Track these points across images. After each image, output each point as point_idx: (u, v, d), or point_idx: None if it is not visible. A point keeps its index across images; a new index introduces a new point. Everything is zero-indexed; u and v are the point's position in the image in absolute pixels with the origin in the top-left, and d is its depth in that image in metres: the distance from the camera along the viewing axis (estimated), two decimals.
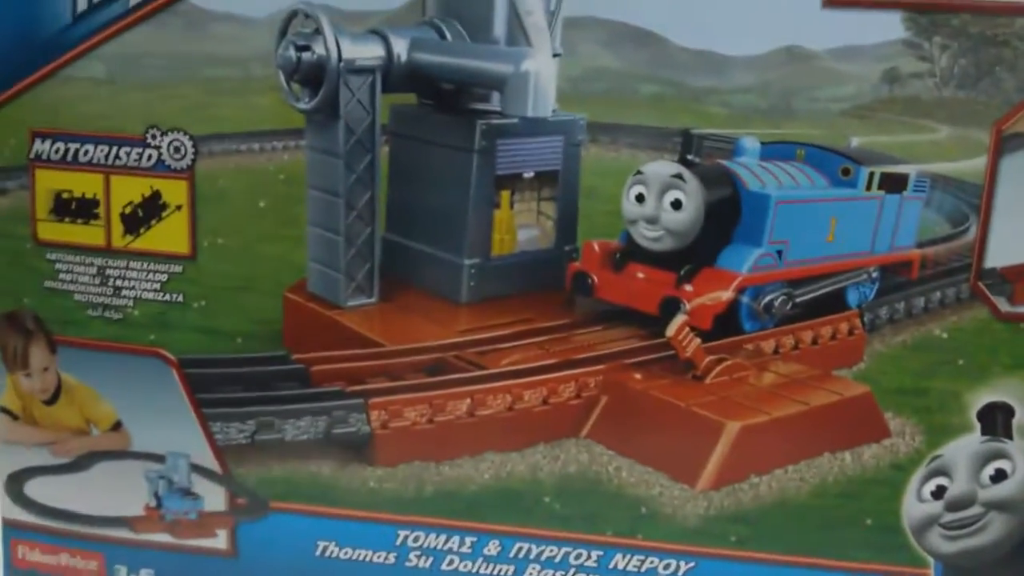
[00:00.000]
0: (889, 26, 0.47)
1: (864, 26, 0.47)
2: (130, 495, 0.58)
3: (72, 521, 0.60)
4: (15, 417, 0.60)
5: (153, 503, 0.58)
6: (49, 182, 0.55)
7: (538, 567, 0.56)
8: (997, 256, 0.49)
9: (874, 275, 0.55)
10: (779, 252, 0.53)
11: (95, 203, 0.56)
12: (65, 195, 0.56)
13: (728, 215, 0.53)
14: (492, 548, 0.56)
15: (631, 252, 0.55)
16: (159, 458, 0.58)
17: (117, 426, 0.58)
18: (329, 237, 0.56)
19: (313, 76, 0.53)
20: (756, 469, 0.53)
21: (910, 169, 0.50)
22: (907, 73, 0.47)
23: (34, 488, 0.60)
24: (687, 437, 0.53)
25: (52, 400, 0.59)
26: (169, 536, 0.59)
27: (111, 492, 0.59)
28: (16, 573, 0.62)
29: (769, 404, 0.54)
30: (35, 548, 0.61)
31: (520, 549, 0.56)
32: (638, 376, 0.54)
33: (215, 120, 0.53)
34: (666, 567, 0.55)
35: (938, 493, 0.52)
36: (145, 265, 0.56)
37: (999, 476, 0.51)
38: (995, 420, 0.51)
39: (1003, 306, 0.50)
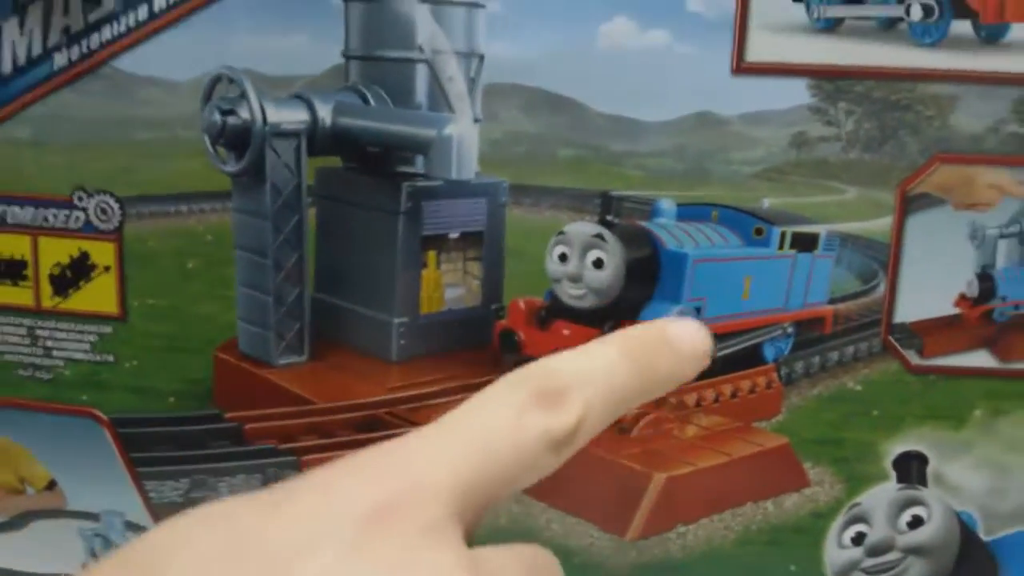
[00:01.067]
0: (796, 92, 0.47)
1: (772, 92, 0.48)
2: (66, 553, 0.57)
3: None
4: None
5: (89, 561, 0.57)
6: None
7: None
8: (906, 311, 0.50)
9: (789, 330, 0.54)
10: (698, 309, 0.53)
11: (23, 264, 0.55)
12: None
13: (648, 273, 0.53)
14: None
15: (556, 310, 0.54)
16: (94, 516, 0.57)
17: (51, 485, 0.57)
18: (258, 297, 0.55)
19: (238, 140, 0.52)
20: (683, 519, 0.53)
21: (820, 229, 0.50)
22: (815, 137, 0.48)
23: None
24: (616, 488, 0.53)
25: None
26: None
27: (47, 550, 0.58)
28: None
29: (693, 455, 0.54)
30: None
31: None
32: None
33: (142, 182, 0.53)
34: None
35: (858, 539, 0.53)
36: (75, 326, 0.55)
37: (916, 522, 0.51)
38: (910, 468, 0.52)
39: (914, 359, 0.51)
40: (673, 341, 0.30)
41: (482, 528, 0.52)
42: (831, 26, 0.48)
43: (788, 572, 0.53)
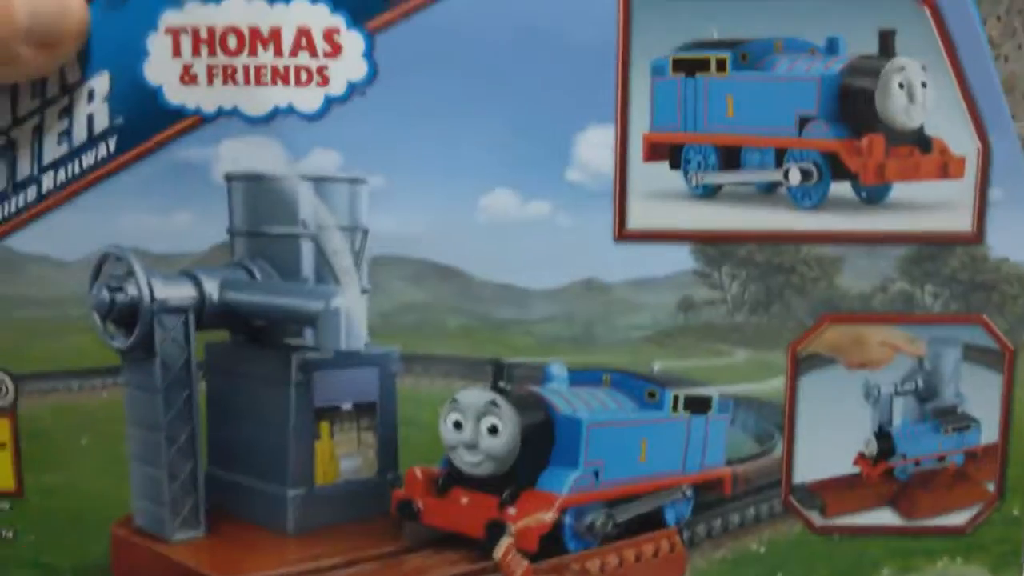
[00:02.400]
0: (680, 257, 0.46)
1: (656, 258, 0.46)
2: None
3: None
4: None
5: None
6: None
7: None
8: (805, 471, 0.48)
9: (688, 493, 0.52)
10: (596, 473, 0.50)
11: None
12: None
13: (543, 438, 0.50)
14: None
15: (454, 477, 0.51)
16: None
17: None
18: (152, 472, 0.52)
19: (127, 316, 0.50)
20: None
21: (712, 391, 0.48)
22: (700, 300, 0.47)
23: None
24: None
25: None
26: None
27: None
28: None
29: None
30: None
31: None
32: None
33: (34, 359, 0.50)
34: None
35: None
36: None
37: None
38: None
39: (817, 520, 0.48)
40: None
41: None
42: (710, 192, 0.47)
43: None
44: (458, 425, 0.50)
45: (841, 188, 0.47)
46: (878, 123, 0.46)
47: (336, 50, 0.45)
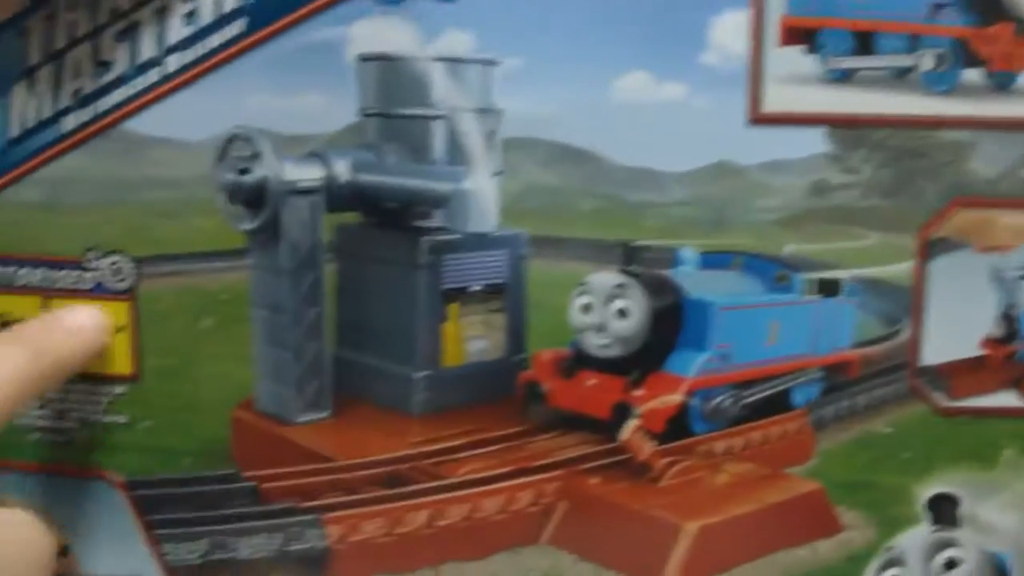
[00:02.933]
0: (813, 141, 0.55)
1: (789, 141, 0.55)
2: None
3: None
4: None
5: None
6: None
7: None
8: (932, 354, 0.57)
9: (817, 375, 0.63)
10: (724, 356, 0.62)
11: None
12: (2, 318, 0.61)
13: (672, 321, 0.62)
14: None
15: (581, 360, 0.63)
16: None
17: (65, 551, 0.62)
18: (278, 354, 0.64)
19: (255, 198, 0.61)
20: (716, 569, 0.60)
21: (843, 274, 0.58)
22: (833, 184, 0.55)
23: None
24: (646, 539, 0.60)
25: None
26: None
27: None
28: None
29: (725, 504, 0.61)
30: None
31: None
32: (595, 481, 0.62)
33: (156, 242, 0.60)
34: None
35: None
36: (89, 387, 0.61)
37: (951, 565, 0.59)
38: (942, 510, 0.59)
39: (942, 401, 0.58)
40: (67, 322, 0.49)
41: None
42: (845, 76, 0.56)
43: None
44: (587, 308, 0.61)
45: (972, 74, 0.55)
46: (1007, 12, 0.54)
47: None
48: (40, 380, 0.51)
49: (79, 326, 0.55)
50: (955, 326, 0.58)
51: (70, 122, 0.60)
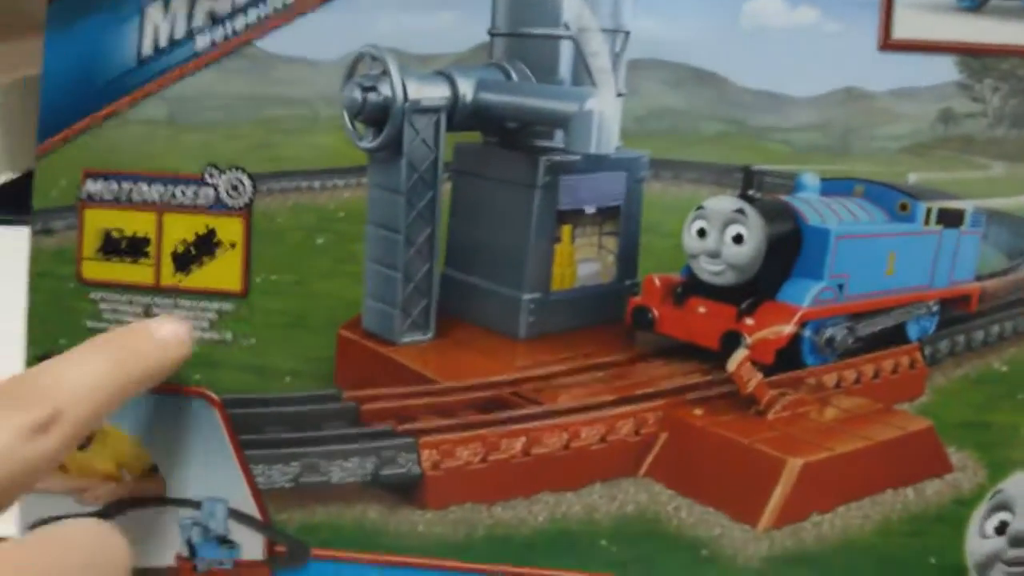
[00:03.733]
0: (943, 69, 0.58)
1: (919, 68, 0.58)
2: (161, 544, 0.66)
3: None
4: None
5: (185, 552, 0.65)
6: (99, 221, 0.65)
7: None
8: None
9: (934, 309, 0.65)
10: (840, 286, 0.64)
11: (146, 241, 0.65)
12: (115, 233, 0.65)
13: (789, 249, 0.64)
14: None
15: (692, 286, 0.65)
16: (195, 504, 0.65)
17: (152, 471, 0.65)
18: (387, 273, 0.67)
19: (378, 116, 0.64)
20: (819, 507, 0.61)
21: (967, 204, 0.61)
22: (961, 113, 0.58)
23: None
24: (748, 475, 0.62)
25: (83, 445, 0.66)
26: None
27: (141, 541, 0.65)
28: None
29: (831, 440, 0.63)
30: None
31: None
32: (699, 412, 0.64)
33: (276, 159, 0.63)
34: None
35: (1001, 529, 0.60)
36: (194, 303, 0.64)
37: None
38: None
39: None
40: (155, 333, 0.52)
41: (606, 517, 0.63)
42: (976, 6, 0.58)
43: (927, 565, 0.61)
44: (702, 233, 0.63)
45: None
46: None
47: None
48: (122, 392, 0.53)
49: (165, 339, 0.58)
50: None
51: (202, 42, 0.63)
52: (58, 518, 0.65)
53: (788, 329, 0.64)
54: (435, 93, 0.64)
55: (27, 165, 0.80)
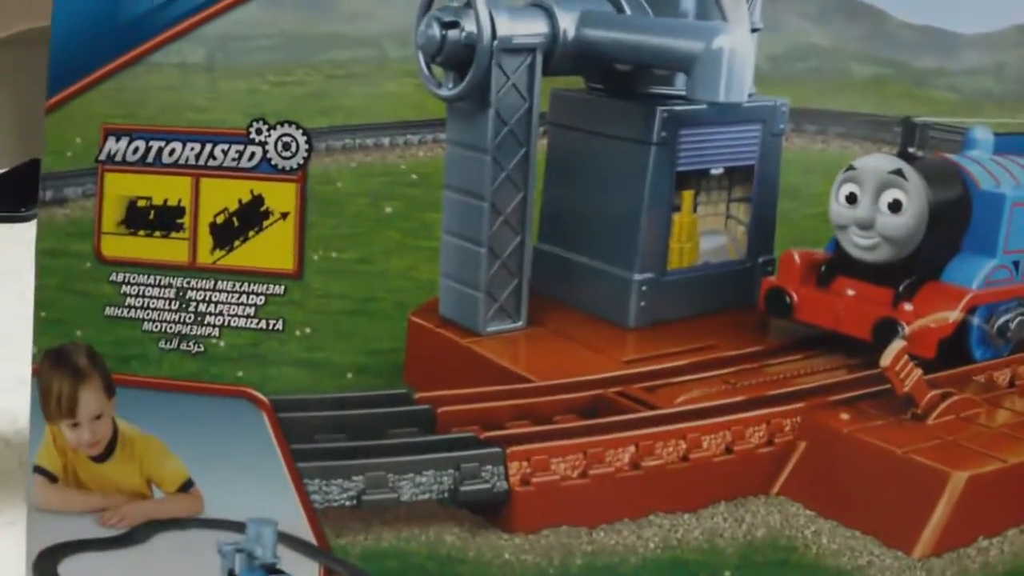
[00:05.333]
0: None
1: None
2: (199, 573, 0.64)
3: None
4: (53, 479, 0.66)
5: None
6: (121, 187, 0.64)
7: None
8: None
9: None
10: (1016, 263, 0.63)
11: (180, 211, 0.64)
12: (141, 203, 0.64)
13: (956, 219, 0.63)
14: None
15: (839, 264, 0.65)
16: (238, 526, 0.64)
17: (187, 486, 0.65)
18: (469, 248, 0.66)
19: (460, 57, 0.63)
20: (986, 530, 0.61)
21: None
22: None
23: (72, 568, 0.66)
24: (903, 491, 0.61)
25: (104, 456, 0.66)
26: None
27: (175, 570, 0.65)
28: None
29: (1003, 449, 0.62)
30: None
31: None
32: (845, 416, 0.63)
33: (336, 111, 0.62)
34: None
35: None
36: (237, 286, 0.64)
37: None
38: None
39: None
40: None
41: (731, 543, 0.62)
42: None
43: None
44: (852, 199, 0.62)
45: None
46: None
47: None
48: None
49: None
50: None
51: None
52: (77, 544, 0.65)
53: (954, 316, 0.63)
54: (530, 29, 0.63)
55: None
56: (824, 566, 0.61)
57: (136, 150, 0.63)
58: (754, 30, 0.61)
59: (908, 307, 0.63)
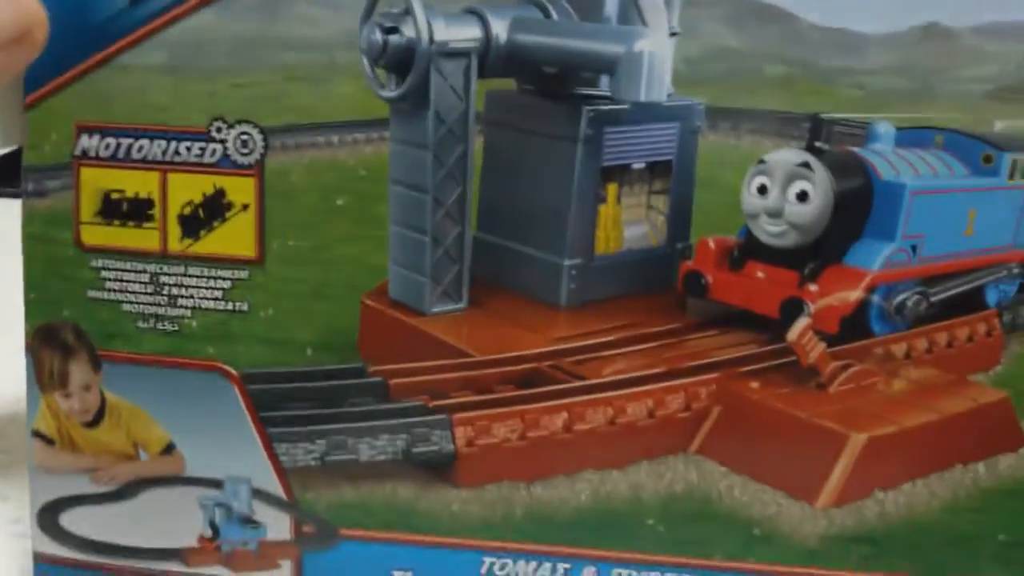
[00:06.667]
0: None
1: (1007, 1, 0.51)
2: (182, 525, 0.61)
3: (115, 555, 0.61)
4: (50, 442, 0.61)
5: (208, 533, 0.61)
6: (97, 181, 0.58)
7: None
8: None
9: (1015, 271, 0.59)
10: (913, 247, 0.58)
11: (149, 203, 0.58)
12: (115, 195, 0.58)
13: (859, 207, 0.58)
14: None
15: (750, 249, 0.59)
16: (216, 484, 0.60)
17: (169, 449, 0.60)
18: (414, 237, 0.61)
19: (401, 61, 0.57)
20: (882, 484, 0.56)
21: None
22: None
23: (71, 519, 0.62)
24: (808, 451, 0.57)
25: (94, 422, 0.61)
26: (225, 570, 0.61)
27: (161, 522, 0.61)
28: None
29: (898, 413, 0.57)
30: None
31: None
32: (755, 385, 0.59)
33: (289, 110, 0.56)
34: None
35: None
36: (206, 271, 0.58)
37: None
38: None
39: None
40: None
41: (654, 496, 0.55)
42: None
43: (996, 542, 0.56)
44: (763, 189, 0.57)
45: None
46: None
47: None
48: None
49: None
50: None
51: None
52: (75, 498, 0.61)
53: (855, 295, 0.58)
54: (465, 34, 0.57)
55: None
56: (737, 515, 0.57)
57: (108, 146, 0.58)
58: (672, 34, 0.55)
59: (813, 287, 0.58)
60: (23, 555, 0.64)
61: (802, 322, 0.57)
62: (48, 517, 0.61)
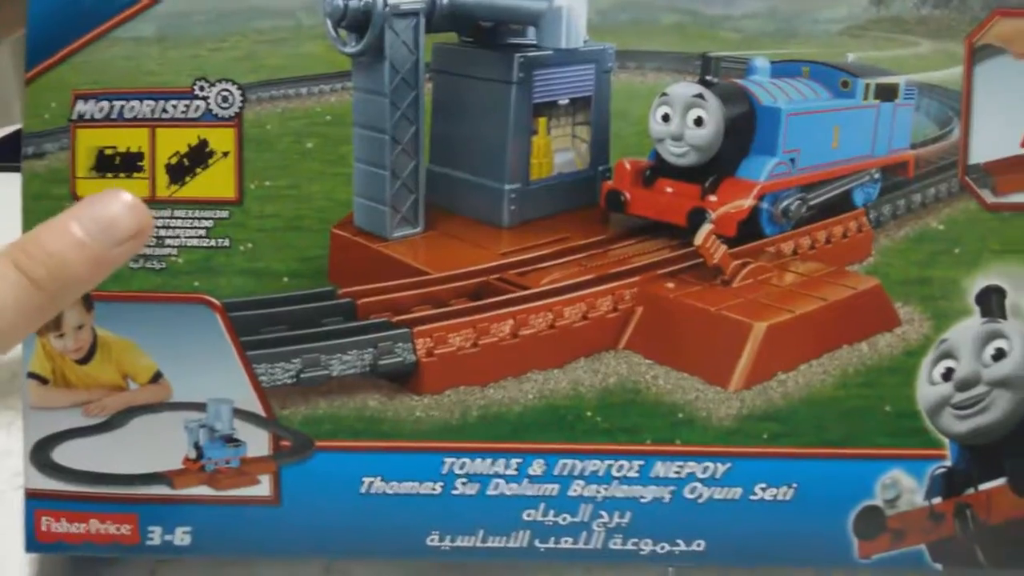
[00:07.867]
0: None
1: None
2: (169, 449, 0.70)
3: (105, 483, 0.70)
4: (45, 381, 0.70)
5: (193, 454, 0.69)
6: (91, 140, 0.69)
7: (582, 482, 0.69)
8: (979, 153, 0.69)
9: (876, 176, 0.76)
10: (792, 160, 0.75)
11: (139, 156, 0.69)
12: (108, 151, 0.68)
13: (745, 129, 0.75)
14: (537, 468, 0.69)
15: (660, 169, 0.76)
16: (200, 407, 0.69)
17: (157, 378, 0.69)
18: (375, 172, 0.76)
19: (359, 22, 0.72)
20: (783, 366, 0.69)
21: (900, 79, 0.71)
22: None
23: (64, 453, 0.70)
24: (718, 340, 0.70)
25: (86, 359, 0.70)
26: (209, 489, 0.70)
27: (149, 447, 0.70)
28: (40, 547, 0.71)
29: (791, 303, 0.71)
30: (60, 518, 0.71)
31: (564, 466, 0.69)
32: (670, 285, 0.72)
33: (263, 69, 0.68)
34: (704, 470, 0.69)
35: (947, 375, 0.69)
36: (190, 213, 0.69)
37: (999, 355, 0.69)
38: (991, 302, 0.69)
39: (988, 197, 0.69)
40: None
41: (590, 390, 0.71)
42: None
43: (883, 412, 0.68)
44: (666, 118, 0.74)
45: None
46: None
47: None
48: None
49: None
50: (1000, 127, 0.69)
51: None
52: (66, 432, 0.70)
53: (748, 202, 0.74)
54: None
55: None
56: (662, 402, 0.69)
57: (102, 109, 0.68)
58: None
59: (713, 198, 0.74)
60: None
61: (706, 228, 0.72)
62: (42, 454, 0.69)
